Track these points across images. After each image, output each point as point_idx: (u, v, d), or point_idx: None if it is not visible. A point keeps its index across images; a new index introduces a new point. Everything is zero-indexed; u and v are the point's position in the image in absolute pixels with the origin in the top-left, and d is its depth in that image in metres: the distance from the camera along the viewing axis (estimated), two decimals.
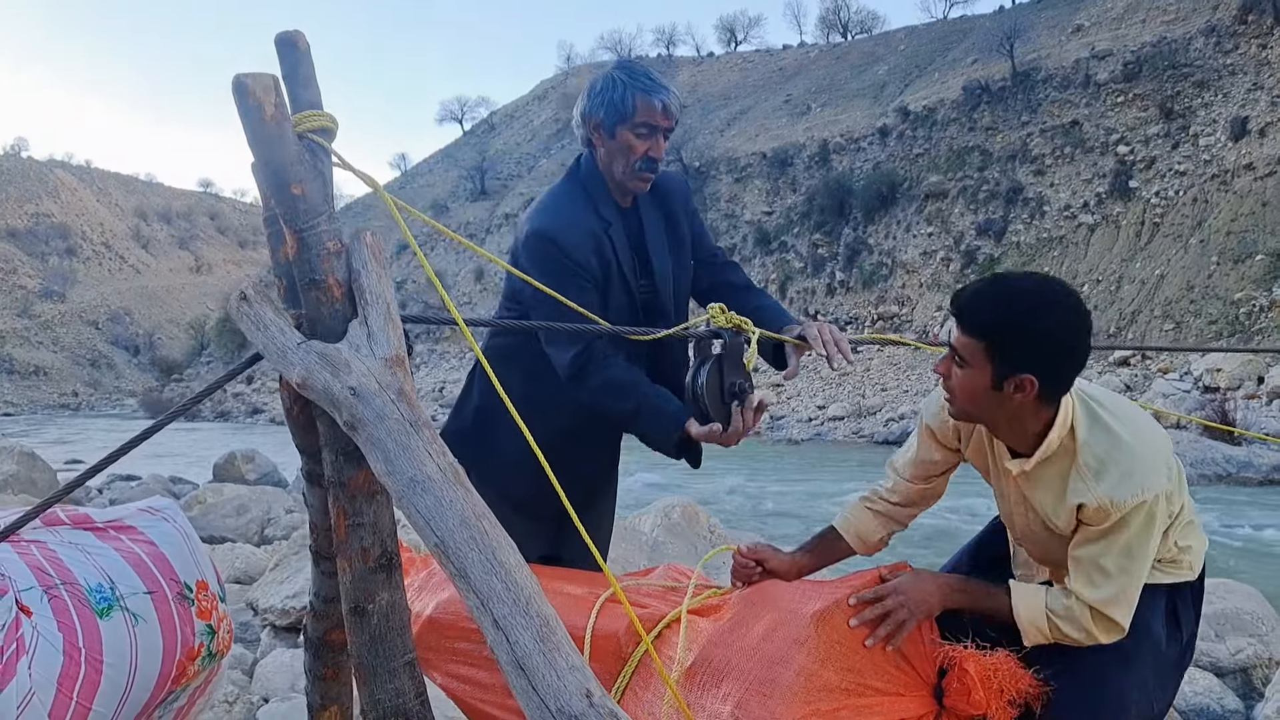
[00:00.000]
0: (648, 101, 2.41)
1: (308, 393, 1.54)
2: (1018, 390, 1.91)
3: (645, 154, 2.46)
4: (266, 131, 1.54)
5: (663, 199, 2.68)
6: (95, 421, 53.33)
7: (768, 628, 1.95)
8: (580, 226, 2.47)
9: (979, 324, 1.93)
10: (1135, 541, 1.95)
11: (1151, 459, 1.96)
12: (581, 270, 2.43)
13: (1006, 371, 1.91)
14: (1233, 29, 35.31)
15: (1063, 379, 1.94)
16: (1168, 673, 2.09)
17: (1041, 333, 1.88)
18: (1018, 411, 1.96)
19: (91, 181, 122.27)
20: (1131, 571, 1.95)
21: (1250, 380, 21.85)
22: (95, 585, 1.99)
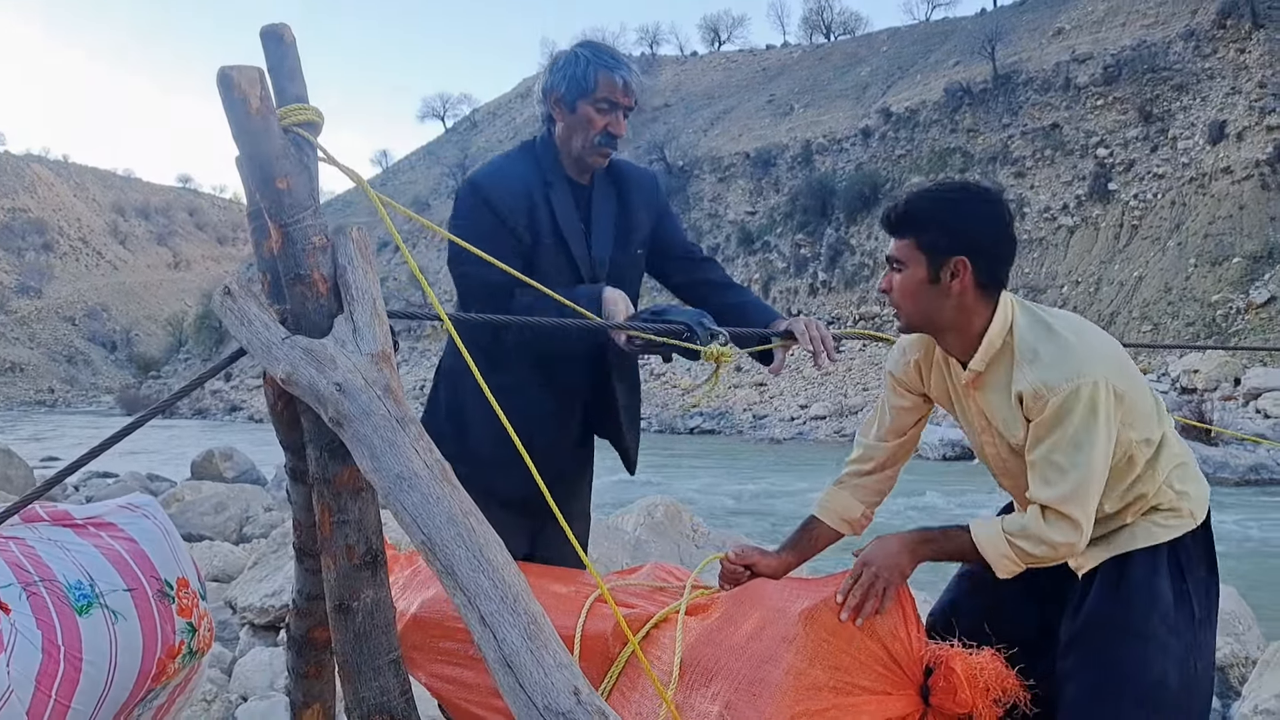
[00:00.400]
0: (609, 77, 2.44)
1: (292, 388, 1.53)
2: (954, 277, 2.00)
3: (605, 129, 2.47)
4: (252, 125, 1.53)
5: (621, 187, 2.67)
6: (72, 418, 52.88)
7: (756, 626, 1.94)
8: (514, 184, 2.49)
9: (907, 223, 2.05)
10: (1081, 432, 1.92)
11: (1089, 351, 1.98)
12: (502, 225, 2.44)
13: (939, 259, 2.00)
14: (1211, 33, 35.64)
15: (994, 263, 2.03)
16: (1190, 629, 2.03)
17: (965, 214, 2.02)
18: (959, 306, 2.03)
19: (69, 176, 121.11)
20: (1081, 466, 1.92)
21: (1227, 382, 22.07)
22: (75, 582, 1.97)
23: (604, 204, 2.63)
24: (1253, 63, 33.46)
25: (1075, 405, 1.92)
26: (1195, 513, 2.08)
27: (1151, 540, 2.04)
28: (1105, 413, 1.93)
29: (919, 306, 2.06)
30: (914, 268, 2.04)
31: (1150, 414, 2.06)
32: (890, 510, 12.78)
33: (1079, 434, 1.92)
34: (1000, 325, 2.04)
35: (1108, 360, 1.99)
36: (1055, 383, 1.94)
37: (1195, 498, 2.09)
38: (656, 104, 59.97)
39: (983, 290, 2.03)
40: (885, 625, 1.99)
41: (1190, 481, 2.10)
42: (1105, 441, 1.94)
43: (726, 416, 32.74)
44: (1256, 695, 3.55)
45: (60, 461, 21.47)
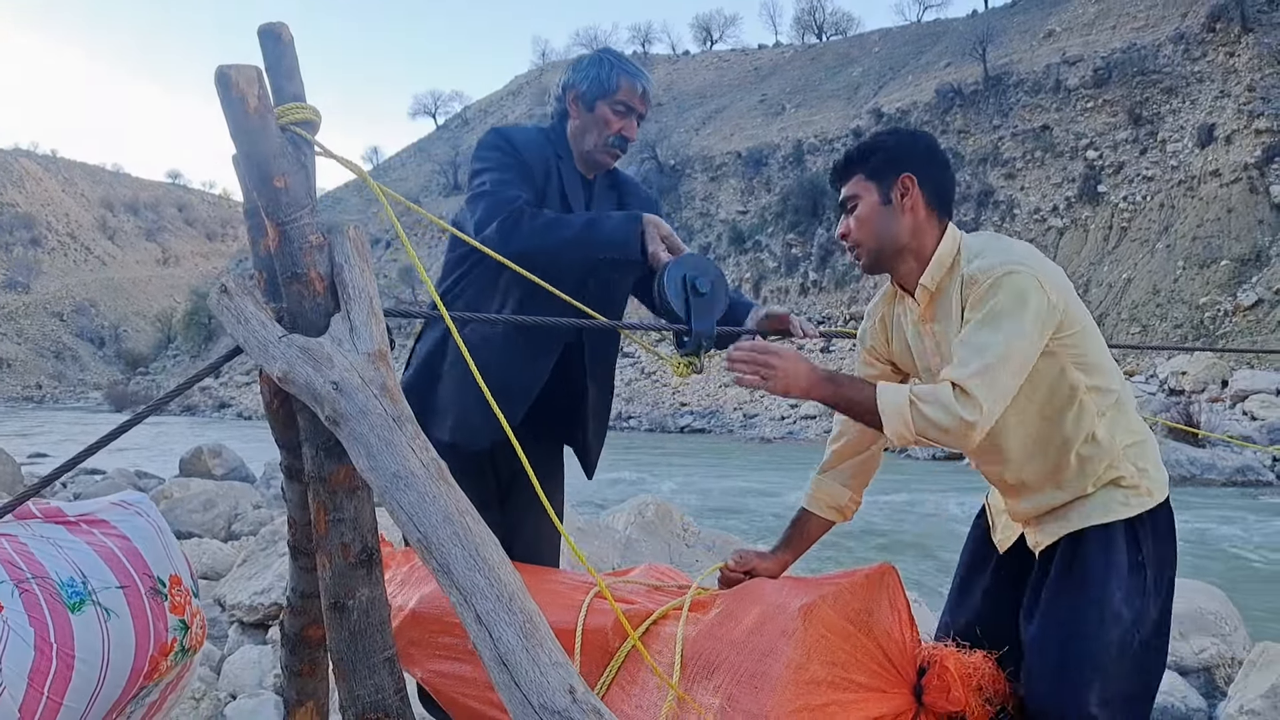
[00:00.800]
0: (631, 83, 2.55)
1: (289, 387, 1.53)
2: (905, 194, 2.11)
3: (619, 131, 2.58)
4: (250, 124, 1.53)
5: (620, 194, 2.76)
6: (59, 414, 52.65)
7: (756, 621, 1.96)
8: (532, 140, 2.59)
9: (850, 163, 2.18)
10: (1004, 313, 1.93)
11: (1032, 255, 2.02)
12: (525, 168, 2.53)
13: (887, 181, 2.11)
14: (1201, 37, 35.81)
15: (938, 182, 2.14)
16: (1140, 598, 2.04)
17: (900, 141, 2.15)
18: (914, 226, 2.11)
19: (57, 171, 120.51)
20: (996, 347, 1.92)
21: (1214, 384, 22.18)
22: (67, 579, 1.97)
23: (604, 204, 2.69)
24: (1242, 66, 33.63)
25: (1001, 289, 1.94)
26: (1154, 492, 2.09)
27: (1109, 516, 2.06)
28: (1035, 308, 1.93)
29: (876, 232, 2.13)
30: (866, 197, 2.14)
31: (1102, 365, 2.07)
32: (888, 511, 12.82)
33: (1000, 316, 1.93)
34: (950, 244, 2.12)
35: (1052, 274, 2.01)
36: (989, 267, 1.98)
37: (1155, 478, 2.10)
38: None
39: (932, 211, 2.12)
40: (881, 624, 2.01)
41: (1150, 462, 2.11)
42: (1029, 337, 1.93)
43: (717, 415, 32.77)
44: (1242, 695, 3.57)
45: (49, 458, 21.39)
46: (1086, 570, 2.05)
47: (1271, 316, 27.15)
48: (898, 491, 14.10)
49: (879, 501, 13.26)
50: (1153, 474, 2.10)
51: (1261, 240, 29.58)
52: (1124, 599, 2.01)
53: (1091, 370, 2.05)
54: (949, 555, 9.95)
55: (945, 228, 2.14)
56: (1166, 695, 3.83)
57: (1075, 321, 2.03)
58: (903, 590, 2.12)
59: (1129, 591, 2.02)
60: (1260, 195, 30.42)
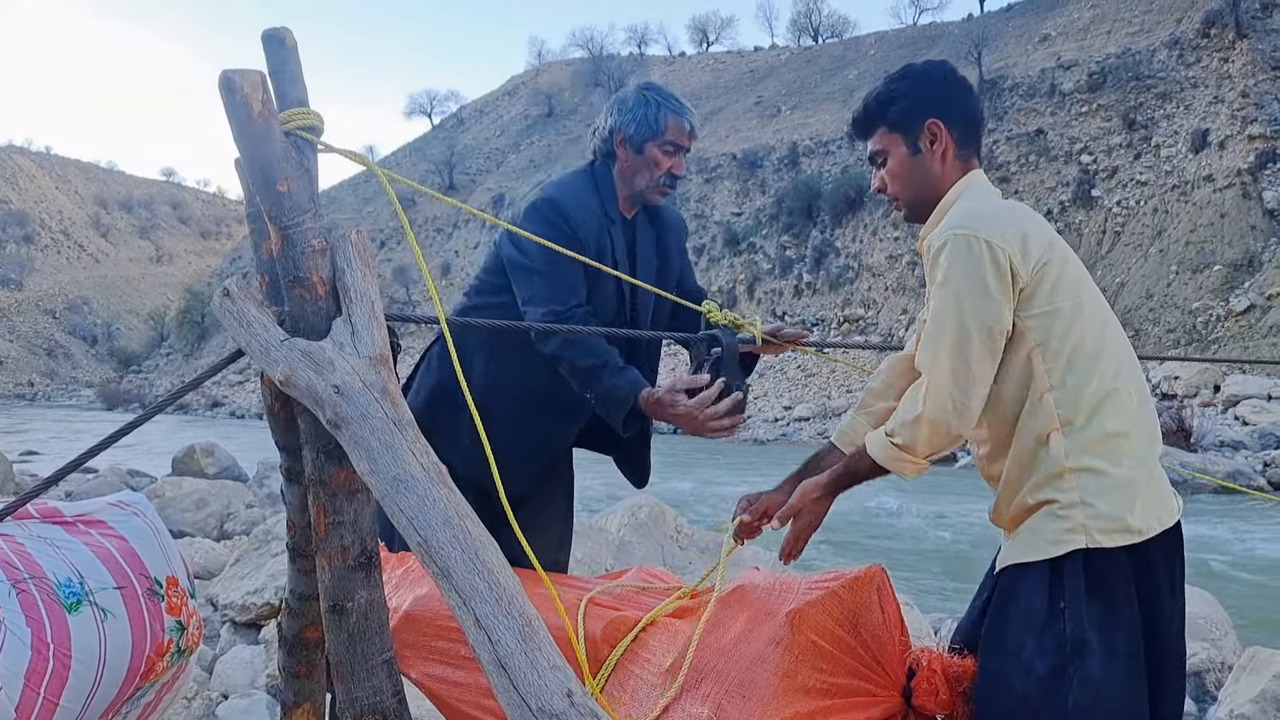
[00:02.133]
0: (678, 122, 2.56)
1: (290, 390, 1.54)
2: (933, 141, 2.00)
3: (669, 170, 2.59)
4: (254, 129, 1.54)
5: (660, 227, 2.77)
6: (51, 412, 52.50)
7: (744, 628, 1.96)
8: (589, 207, 2.58)
9: (871, 116, 2.07)
10: (951, 284, 1.80)
11: (995, 216, 1.86)
12: (579, 244, 2.50)
13: (913, 130, 2.01)
14: (1195, 42, 35.95)
15: (965, 120, 2.02)
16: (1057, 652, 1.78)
17: (919, 84, 2.03)
18: (945, 176, 2.01)
19: (51, 168, 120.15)
20: (951, 326, 1.79)
21: (1207, 389, 22.26)
22: (64, 580, 1.97)
23: (646, 248, 2.71)
24: (1236, 72, 33.76)
25: (944, 257, 1.82)
26: (1099, 536, 1.79)
27: (1028, 555, 1.85)
28: (985, 274, 1.78)
29: (912, 184, 2.04)
30: (894, 150, 2.04)
31: (1081, 367, 1.83)
32: (881, 516, 12.84)
33: (948, 289, 1.81)
34: (953, 195, 2.00)
35: (1011, 236, 1.82)
36: (941, 232, 1.87)
37: (1109, 521, 1.79)
38: None
39: (965, 149, 2.02)
40: (871, 627, 2.00)
41: (1110, 502, 1.80)
42: (988, 308, 1.78)
43: None
44: (1232, 700, 3.59)
45: (40, 455, 21.35)
46: (1004, 612, 1.88)
47: (1263, 322, 27.26)
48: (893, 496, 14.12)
49: (872, 507, 13.28)
50: (1106, 514, 1.79)
51: (1254, 246, 29.70)
52: (1036, 652, 1.79)
53: (1061, 368, 1.82)
54: (943, 560, 9.98)
55: (966, 169, 2.02)
56: None
57: (1047, 299, 1.83)
58: (892, 592, 2.09)
59: (1043, 645, 1.79)
60: (1253, 201, 30.54)
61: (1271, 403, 20.37)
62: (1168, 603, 1.89)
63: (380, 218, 64.91)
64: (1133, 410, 1.87)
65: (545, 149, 62.89)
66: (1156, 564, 1.86)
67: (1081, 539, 1.79)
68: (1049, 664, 1.78)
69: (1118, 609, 1.80)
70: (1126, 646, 1.79)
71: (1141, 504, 1.82)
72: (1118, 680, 1.77)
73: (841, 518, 12.74)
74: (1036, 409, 1.85)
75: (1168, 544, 1.89)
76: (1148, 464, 1.87)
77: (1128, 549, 1.80)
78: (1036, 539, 1.84)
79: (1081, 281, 1.90)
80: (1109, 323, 1.92)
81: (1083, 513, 1.80)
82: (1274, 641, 4.18)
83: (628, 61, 69.08)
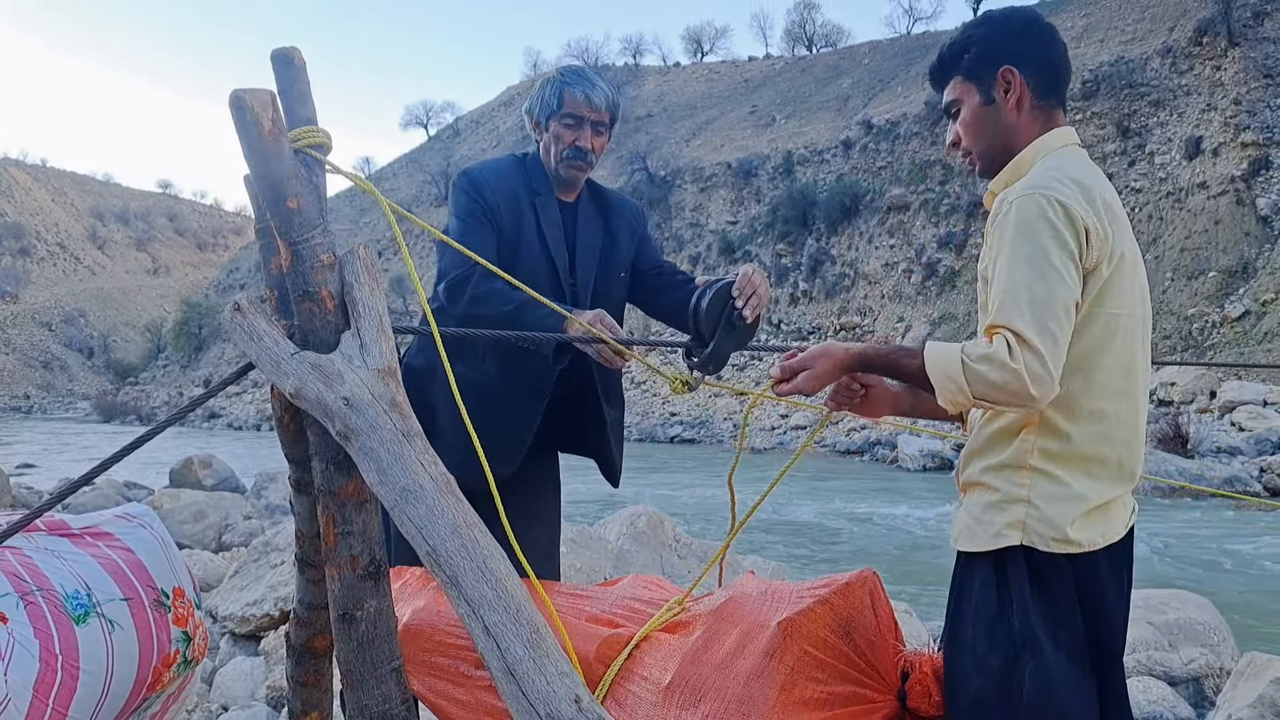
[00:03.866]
0: (572, 93, 2.61)
1: (300, 403, 1.56)
2: (1008, 90, 1.90)
3: (572, 143, 2.62)
4: (264, 146, 1.56)
5: (606, 213, 2.80)
6: (48, 424, 52.34)
7: (738, 642, 1.95)
8: (501, 177, 2.66)
9: (946, 65, 1.98)
10: (1023, 245, 1.69)
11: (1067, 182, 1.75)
12: (489, 211, 2.60)
13: (987, 78, 1.91)
14: (1188, 50, 36.07)
15: (1045, 68, 1.91)
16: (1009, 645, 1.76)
17: (993, 25, 1.93)
18: (1022, 129, 1.91)
19: (47, 180, 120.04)
20: (1024, 276, 1.67)
21: (1203, 395, 22.29)
22: (72, 592, 1.99)
23: (589, 228, 2.75)
24: (1228, 80, 33.89)
25: (1021, 207, 1.72)
26: (1034, 537, 1.76)
27: (970, 543, 1.83)
28: (1057, 234, 1.69)
29: (984, 134, 1.94)
30: (968, 99, 1.94)
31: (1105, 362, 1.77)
32: (878, 519, 12.85)
33: (1020, 249, 1.70)
34: (1034, 151, 1.89)
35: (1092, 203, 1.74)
36: (1020, 190, 1.76)
37: (1053, 527, 1.76)
38: (639, 114, 60.09)
39: (1042, 98, 1.91)
40: (864, 632, 2.00)
41: (1059, 513, 1.76)
42: (1062, 270, 1.68)
43: (707, 425, 32.77)
44: (1230, 705, 3.61)
45: (36, 468, 21.29)
46: (959, 607, 1.86)
47: (1258, 328, 27.32)
48: (890, 503, 14.14)
49: (870, 513, 13.29)
50: (1047, 519, 1.75)
51: (1248, 252, 29.79)
52: (988, 647, 1.78)
53: (1071, 370, 1.75)
54: (942, 567, 9.98)
55: (1049, 126, 1.92)
56: (1156, 705, 3.87)
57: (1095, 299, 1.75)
58: (885, 595, 2.09)
59: (994, 640, 1.77)
60: (1247, 208, 30.64)
61: (1267, 409, 20.40)
62: (1114, 615, 1.86)
63: (378, 228, 64.91)
64: (1123, 439, 1.82)
65: None
66: (1101, 573, 1.82)
67: (1019, 535, 1.76)
68: (1000, 658, 1.76)
69: (1060, 608, 1.77)
70: (1069, 641, 1.78)
71: (1087, 522, 1.78)
72: (1065, 672, 1.76)
73: (839, 524, 12.75)
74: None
75: (1113, 556, 1.84)
76: (1110, 489, 1.81)
77: (1068, 556, 1.77)
78: (980, 529, 1.81)
79: (1136, 293, 1.82)
80: (1140, 338, 1.84)
81: (1024, 510, 1.77)
82: (1272, 647, 4.20)
83: (623, 72, 69.19)
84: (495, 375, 2.63)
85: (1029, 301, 1.67)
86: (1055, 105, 1.93)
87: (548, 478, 2.90)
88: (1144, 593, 4.71)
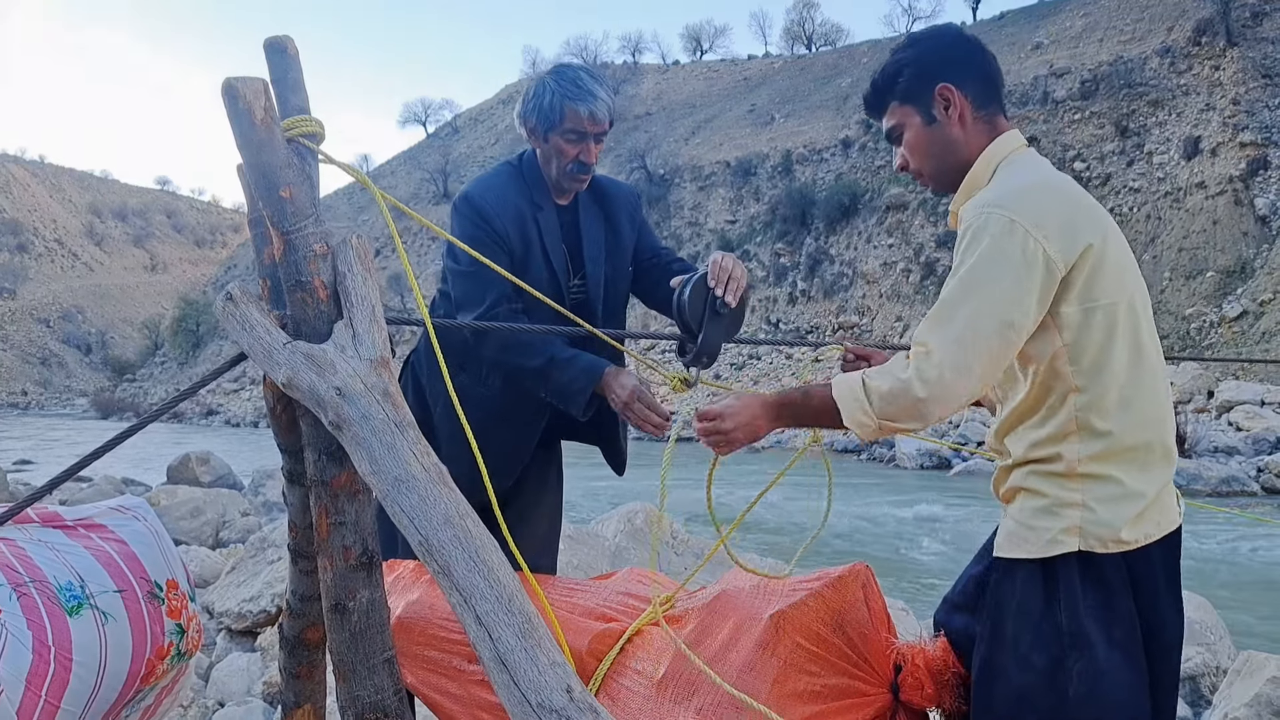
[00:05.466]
0: (574, 109, 2.49)
1: (293, 393, 1.56)
2: (948, 106, 1.89)
3: (576, 158, 2.54)
4: (257, 136, 1.56)
5: (605, 204, 2.75)
6: (44, 420, 52.33)
7: (730, 635, 1.95)
8: (505, 199, 2.57)
9: (881, 92, 1.98)
10: (976, 267, 1.69)
11: (1028, 199, 1.73)
12: (499, 239, 2.52)
13: (924, 98, 1.91)
14: (1187, 50, 36.11)
15: (980, 79, 1.91)
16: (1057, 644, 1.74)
17: (921, 45, 1.95)
18: (969, 141, 1.91)
19: (45, 177, 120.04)
20: (963, 310, 1.69)
21: (1201, 394, 22.33)
22: (65, 583, 1.98)
23: (591, 224, 2.69)
24: (1227, 80, 33.92)
25: (974, 236, 1.72)
26: (1092, 541, 1.74)
27: (1019, 551, 1.80)
28: (1015, 263, 1.67)
29: (932, 155, 1.94)
30: (909, 122, 1.94)
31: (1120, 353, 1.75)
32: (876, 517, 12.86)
33: (971, 270, 1.71)
34: (986, 163, 1.88)
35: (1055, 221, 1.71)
36: (977, 205, 1.76)
37: (1106, 527, 1.74)
38: (638, 112, 60.11)
39: (981, 109, 1.91)
40: (856, 625, 1.99)
41: (1113, 512, 1.75)
42: (1007, 299, 1.68)
43: None
44: (1227, 704, 3.61)
45: (34, 465, 21.29)
46: (1001, 604, 1.83)
47: (1256, 328, 27.36)
48: (888, 502, 14.14)
49: (868, 511, 13.29)
50: (1105, 521, 1.74)
51: (1246, 252, 29.82)
52: (1033, 644, 1.75)
53: (1089, 370, 1.75)
54: (939, 564, 9.99)
55: (994, 134, 1.91)
56: None
57: (1085, 293, 1.73)
58: (878, 588, 2.08)
59: (1040, 637, 1.75)
60: (1245, 208, 30.67)
61: (1265, 408, 20.42)
62: (1166, 605, 1.84)
63: (376, 225, 64.94)
64: (1156, 419, 1.80)
65: None
66: (1155, 566, 1.81)
67: (1076, 541, 1.73)
68: (1047, 656, 1.74)
69: (1114, 601, 1.75)
70: (1124, 637, 1.75)
71: (1144, 517, 1.77)
72: (1116, 670, 1.73)
73: (836, 522, 12.75)
74: (1059, 407, 1.77)
75: (1165, 548, 1.84)
76: (1162, 475, 1.81)
77: (1123, 552, 1.76)
78: (1032, 535, 1.78)
79: (1125, 277, 1.80)
80: (1143, 319, 1.82)
81: (1080, 515, 1.74)
82: (1268, 646, 4.20)
83: (621, 70, 69.18)
84: (499, 391, 2.60)
85: (949, 318, 1.70)
86: (996, 112, 1.94)
87: (550, 466, 2.89)
88: None
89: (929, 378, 1.69)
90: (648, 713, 1.90)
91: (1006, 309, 1.68)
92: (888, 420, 1.75)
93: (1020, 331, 1.71)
